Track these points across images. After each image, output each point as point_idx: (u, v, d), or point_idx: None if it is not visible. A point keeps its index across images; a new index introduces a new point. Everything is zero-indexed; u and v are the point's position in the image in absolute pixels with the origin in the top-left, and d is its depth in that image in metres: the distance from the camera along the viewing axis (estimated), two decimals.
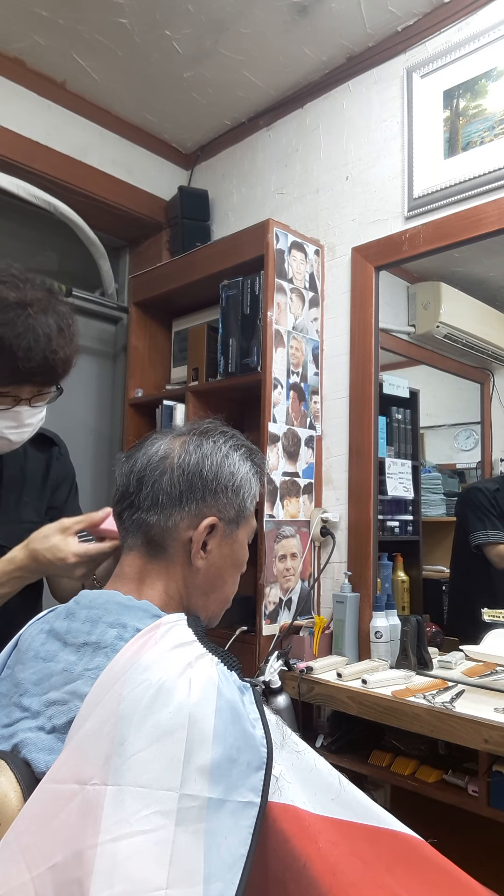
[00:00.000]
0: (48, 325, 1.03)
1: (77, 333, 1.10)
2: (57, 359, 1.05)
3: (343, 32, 1.97)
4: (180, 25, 1.95)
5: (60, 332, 1.05)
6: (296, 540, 1.93)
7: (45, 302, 1.05)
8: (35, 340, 1.02)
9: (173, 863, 0.57)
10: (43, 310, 1.04)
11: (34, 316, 1.02)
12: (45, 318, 1.03)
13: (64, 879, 0.58)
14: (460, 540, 1.89)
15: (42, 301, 1.04)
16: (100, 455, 2.54)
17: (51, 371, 1.06)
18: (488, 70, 1.76)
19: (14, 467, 1.26)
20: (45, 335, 1.02)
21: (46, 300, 1.06)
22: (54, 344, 1.04)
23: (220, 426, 0.89)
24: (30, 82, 2.15)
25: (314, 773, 0.70)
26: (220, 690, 0.65)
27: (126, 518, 0.83)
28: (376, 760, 1.58)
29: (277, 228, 1.95)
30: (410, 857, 0.69)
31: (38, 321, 1.02)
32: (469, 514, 1.87)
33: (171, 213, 2.52)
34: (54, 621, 0.80)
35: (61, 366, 1.07)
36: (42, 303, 1.04)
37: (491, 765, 1.36)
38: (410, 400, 2.03)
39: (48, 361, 1.04)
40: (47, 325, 1.03)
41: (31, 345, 1.01)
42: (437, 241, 1.79)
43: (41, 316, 1.03)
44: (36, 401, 1.11)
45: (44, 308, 1.04)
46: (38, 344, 1.02)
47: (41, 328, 1.02)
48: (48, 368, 1.05)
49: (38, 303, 1.04)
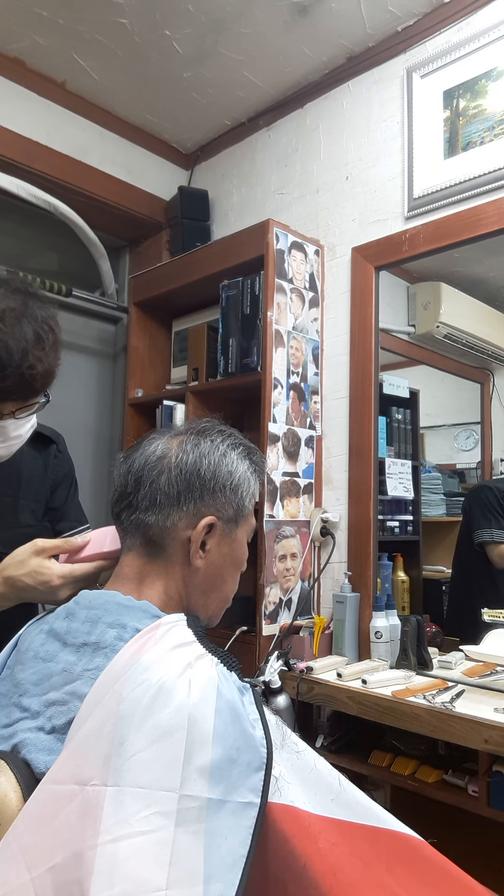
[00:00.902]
0: (23, 337, 0.95)
1: (59, 336, 1.02)
2: (35, 374, 0.97)
3: (343, 32, 1.97)
4: (180, 25, 1.95)
5: (38, 342, 0.97)
6: (296, 540, 1.93)
7: (18, 310, 0.96)
8: (8, 357, 0.93)
9: (173, 863, 0.57)
10: (17, 319, 0.95)
11: (5, 330, 0.94)
12: (20, 329, 0.95)
13: (64, 880, 0.58)
14: (464, 538, 1.89)
15: (15, 310, 0.96)
16: (100, 455, 2.54)
17: (28, 387, 0.98)
18: (488, 70, 1.76)
19: (10, 469, 1.20)
20: (19, 350, 0.94)
21: (21, 307, 0.97)
22: (31, 358, 0.95)
23: (219, 425, 0.88)
24: (30, 82, 2.15)
25: (314, 774, 0.70)
26: (219, 691, 0.65)
27: (124, 518, 0.83)
28: (376, 760, 1.58)
29: (277, 228, 1.95)
30: (410, 857, 0.69)
31: (11, 334, 0.94)
32: (476, 511, 1.87)
33: (171, 213, 2.52)
34: (54, 622, 0.80)
35: (40, 380, 0.99)
36: (15, 312, 0.96)
37: (491, 765, 1.36)
38: (410, 400, 2.03)
39: (24, 378, 0.96)
40: (22, 338, 0.95)
41: (5, 362, 0.93)
42: (437, 241, 1.79)
43: (15, 327, 0.94)
44: (21, 412, 1.03)
45: (17, 317, 0.96)
46: (12, 360, 0.94)
47: (14, 342, 0.94)
48: (24, 385, 0.98)
49: (9, 312, 0.95)
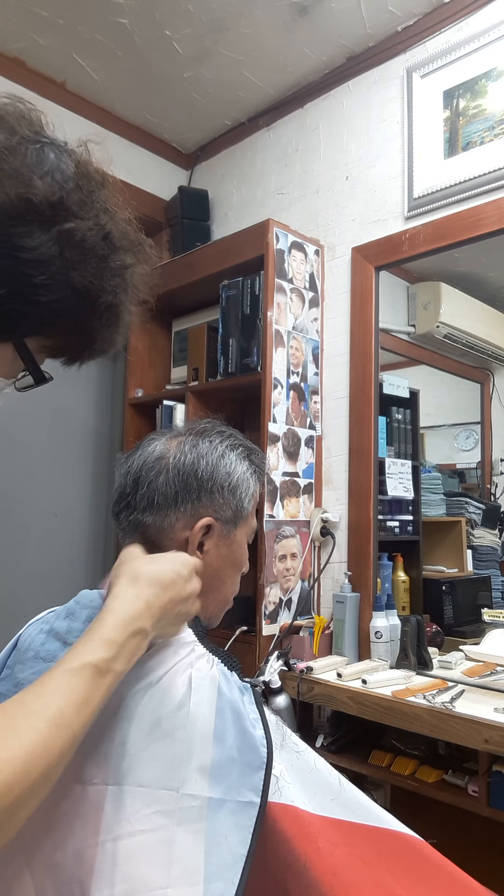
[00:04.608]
0: (129, 314, 0.75)
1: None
2: (105, 355, 0.77)
3: (343, 32, 1.97)
4: (180, 25, 1.95)
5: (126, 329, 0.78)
6: (296, 540, 1.93)
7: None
8: (116, 329, 0.74)
9: (174, 862, 0.57)
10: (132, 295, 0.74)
11: (124, 303, 0.73)
12: (129, 306, 0.74)
13: (65, 878, 0.58)
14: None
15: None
16: (100, 455, 2.54)
17: (81, 360, 0.76)
18: (488, 70, 1.76)
19: None
20: (123, 326, 0.75)
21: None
22: (118, 342, 0.77)
23: (219, 426, 0.88)
24: (30, 82, 2.15)
25: (314, 774, 0.70)
26: (220, 690, 0.65)
27: (123, 519, 0.83)
28: (376, 760, 1.58)
29: (277, 228, 1.95)
30: (410, 857, 0.69)
31: (127, 308, 0.74)
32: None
33: (171, 213, 2.52)
34: (54, 621, 0.80)
35: (123, 331, 0.77)
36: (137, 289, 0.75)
37: (491, 765, 1.36)
38: (410, 400, 2.02)
39: (98, 355, 0.77)
40: (129, 314, 0.75)
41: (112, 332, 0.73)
42: (437, 241, 1.79)
43: (128, 303, 0.74)
44: (21, 383, 0.75)
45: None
46: (116, 334, 0.75)
47: (125, 315, 0.74)
48: (85, 359, 0.76)
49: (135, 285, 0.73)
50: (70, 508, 2.42)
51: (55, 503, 2.37)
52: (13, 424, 2.27)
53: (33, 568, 2.28)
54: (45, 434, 2.35)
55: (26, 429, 2.29)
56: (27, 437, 2.29)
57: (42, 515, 2.34)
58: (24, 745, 0.50)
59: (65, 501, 2.40)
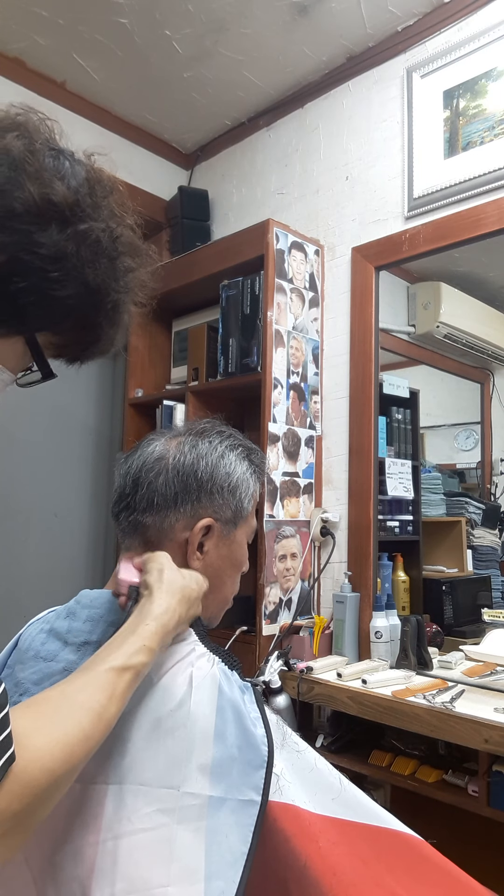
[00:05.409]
0: (129, 315, 0.76)
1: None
2: (105, 355, 0.78)
3: (343, 32, 1.98)
4: (180, 25, 1.95)
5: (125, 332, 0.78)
6: (296, 540, 1.93)
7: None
8: (118, 329, 0.74)
9: (174, 861, 0.57)
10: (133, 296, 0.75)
11: (126, 304, 0.74)
12: (130, 307, 0.75)
13: (65, 877, 0.58)
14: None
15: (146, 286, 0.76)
16: (100, 455, 2.54)
17: (84, 359, 0.77)
18: (488, 70, 1.77)
19: None
20: (124, 326, 0.75)
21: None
22: (119, 342, 0.77)
23: (218, 426, 0.88)
24: (30, 82, 2.15)
25: (315, 773, 0.70)
26: (221, 689, 0.65)
27: (122, 519, 0.83)
28: (376, 760, 1.58)
29: (277, 228, 1.95)
30: (411, 856, 0.69)
31: (128, 309, 0.74)
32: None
33: (171, 213, 2.52)
34: (55, 621, 0.80)
35: (124, 331, 0.77)
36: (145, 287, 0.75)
37: (491, 765, 1.36)
38: (410, 400, 2.02)
39: (100, 355, 0.77)
40: (129, 315, 0.75)
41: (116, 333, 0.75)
42: (437, 241, 1.79)
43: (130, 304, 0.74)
44: (24, 379, 0.74)
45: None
46: (118, 334, 0.75)
47: (126, 316, 0.75)
48: (87, 358, 0.77)
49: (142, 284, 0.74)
50: (70, 508, 2.42)
51: (55, 503, 2.37)
52: (13, 424, 2.27)
53: (33, 568, 2.28)
54: (44, 434, 2.35)
55: (26, 429, 2.29)
56: (27, 437, 2.29)
57: (42, 515, 2.34)
58: (69, 733, 0.53)
59: (65, 501, 2.40)
